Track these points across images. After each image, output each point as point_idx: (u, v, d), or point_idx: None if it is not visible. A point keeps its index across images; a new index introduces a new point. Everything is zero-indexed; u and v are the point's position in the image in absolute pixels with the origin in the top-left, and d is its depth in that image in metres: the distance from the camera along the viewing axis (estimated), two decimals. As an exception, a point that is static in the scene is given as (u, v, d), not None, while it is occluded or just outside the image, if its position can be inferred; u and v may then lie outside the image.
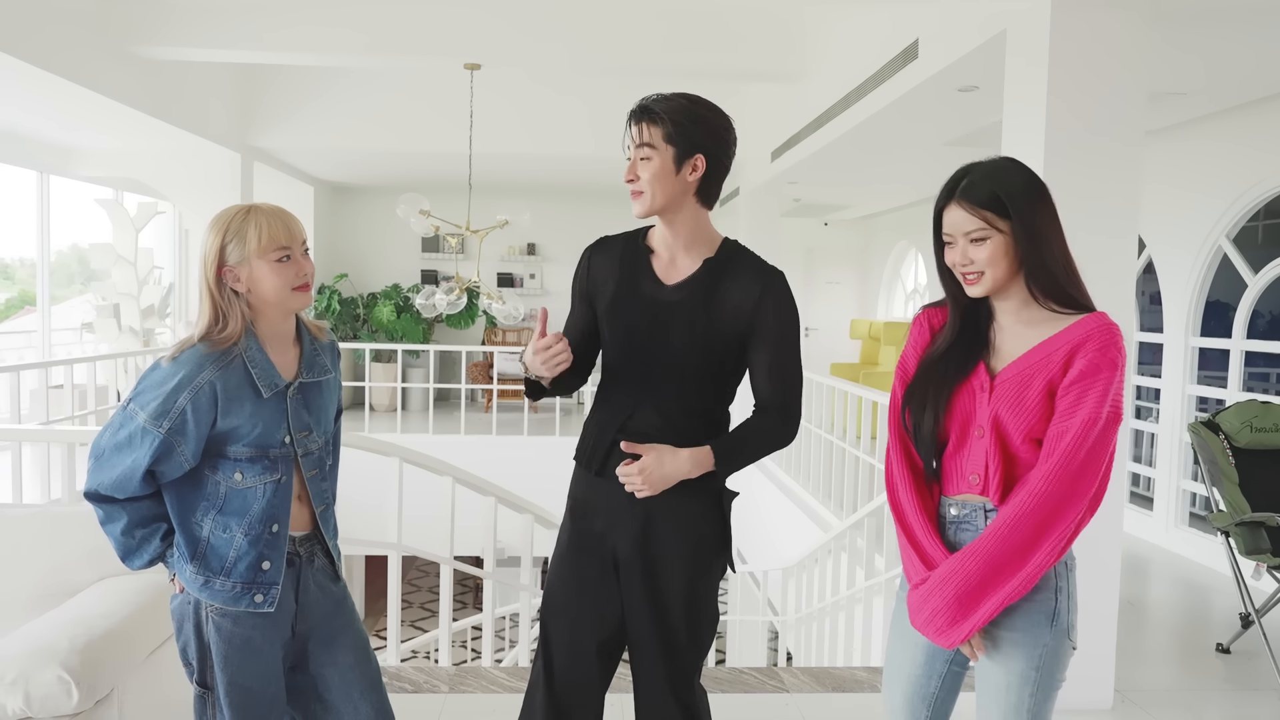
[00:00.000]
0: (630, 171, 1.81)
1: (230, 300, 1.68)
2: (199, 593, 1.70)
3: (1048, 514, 1.50)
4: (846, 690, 3.27)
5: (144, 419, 1.63)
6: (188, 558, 1.71)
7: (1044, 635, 1.57)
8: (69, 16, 5.10)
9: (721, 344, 1.82)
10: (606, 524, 1.87)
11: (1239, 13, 3.54)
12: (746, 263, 1.87)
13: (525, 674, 3.29)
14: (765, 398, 1.85)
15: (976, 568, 1.53)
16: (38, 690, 1.93)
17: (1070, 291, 1.57)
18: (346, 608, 1.89)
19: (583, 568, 1.89)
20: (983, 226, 1.56)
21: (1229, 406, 4.07)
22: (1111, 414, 1.52)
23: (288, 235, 1.69)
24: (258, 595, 1.71)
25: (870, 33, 4.95)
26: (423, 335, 10.34)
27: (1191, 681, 3.60)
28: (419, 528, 4.07)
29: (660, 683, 1.86)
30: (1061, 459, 1.50)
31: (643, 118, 1.80)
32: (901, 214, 10.74)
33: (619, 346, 1.87)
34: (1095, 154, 3.06)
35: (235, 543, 1.70)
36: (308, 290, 1.74)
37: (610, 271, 1.89)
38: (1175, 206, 5.62)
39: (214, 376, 1.65)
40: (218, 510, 1.70)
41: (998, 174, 1.58)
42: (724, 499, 1.88)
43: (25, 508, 2.67)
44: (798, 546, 5.87)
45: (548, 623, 1.93)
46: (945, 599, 1.56)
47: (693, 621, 1.86)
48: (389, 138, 7.94)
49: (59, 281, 9.58)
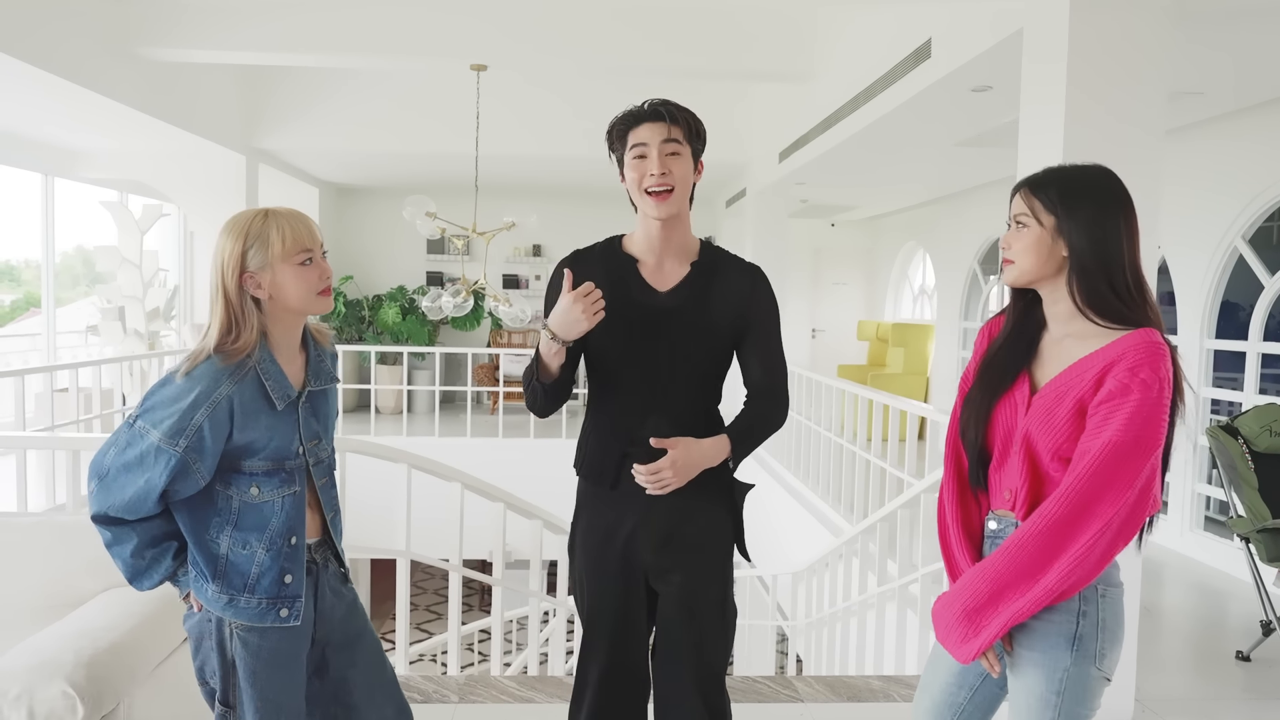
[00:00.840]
0: (661, 164, 1.79)
1: (247, 308, 1.63)
2: (223, 611, 1.66)
3: (1058, 534, 1.45)
4: (861, 700, 3.23)
5: (158, 437, 1.57)
6: (208, 577, 1.66)
7: (1063, 659, 1.52)
8: (74, 19, 5.07)
9: (721, 342, 1.89)
10: (629, 536, 1.88)
11: (1257, 12, 3.48)
12: (730, 262, 1.94)
13: (536, 683, 3.25)
14: (760, 385, 1.92)
15: (985, 584, 1.51)
16: (42, 706, 1.89)
17: (1118, 306, 1.51)
18: (359, 610, 1.88)
19: (612, 588, 1.91)
20: (1026, 213, 1.56)
21: (1248, 410, 4.02)
22: (1143, 439, 1.42)
23: (310, 237, 1.66)
24: (283, 610, 1.68)
25: (881, 33, 4.90)
26: (428, 337, 10.31)
27: (1212, 690, 3.55)
28: (426, 531, 4.03)
29: (689, 684, 1.88)
30: (1076, 481, 1.45)
31: (663, 116, 1.81)
32: (910, 215, 10.68)
33: (618, 357, 1.87)
34: (1115, 155, 2.97)
35: (257, 558, 1.66)
36: (330, 294, 1.70)
37: (598, 284, 1.82)
38: (1190, 207, 5.57)
39: (231, 391, 1.60)
40: (233, 526, 1.66)
41: (1074, 173, 1.57)
42: (736, 492, 1.94)
43: (30, 516, 2.64)
44: (807, 551, 5.82)
45: (594, 646, 1.94)
46: (955, 613, 1.54)
47: (723, 621, 1.90)
48: (395, 139, 7.91)
49: (64, 284, 9.56)
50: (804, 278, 11.91)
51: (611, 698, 1.94)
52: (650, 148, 1.80)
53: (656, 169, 1.79)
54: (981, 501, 1.66)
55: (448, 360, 10.75)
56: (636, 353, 1.85)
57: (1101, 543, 1.45)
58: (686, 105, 1.89)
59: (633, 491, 1.85)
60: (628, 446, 1.85)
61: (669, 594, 1.88)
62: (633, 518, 1.87)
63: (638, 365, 1.85)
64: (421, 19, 5.56)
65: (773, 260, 8.39)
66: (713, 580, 1.89)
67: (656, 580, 1.89)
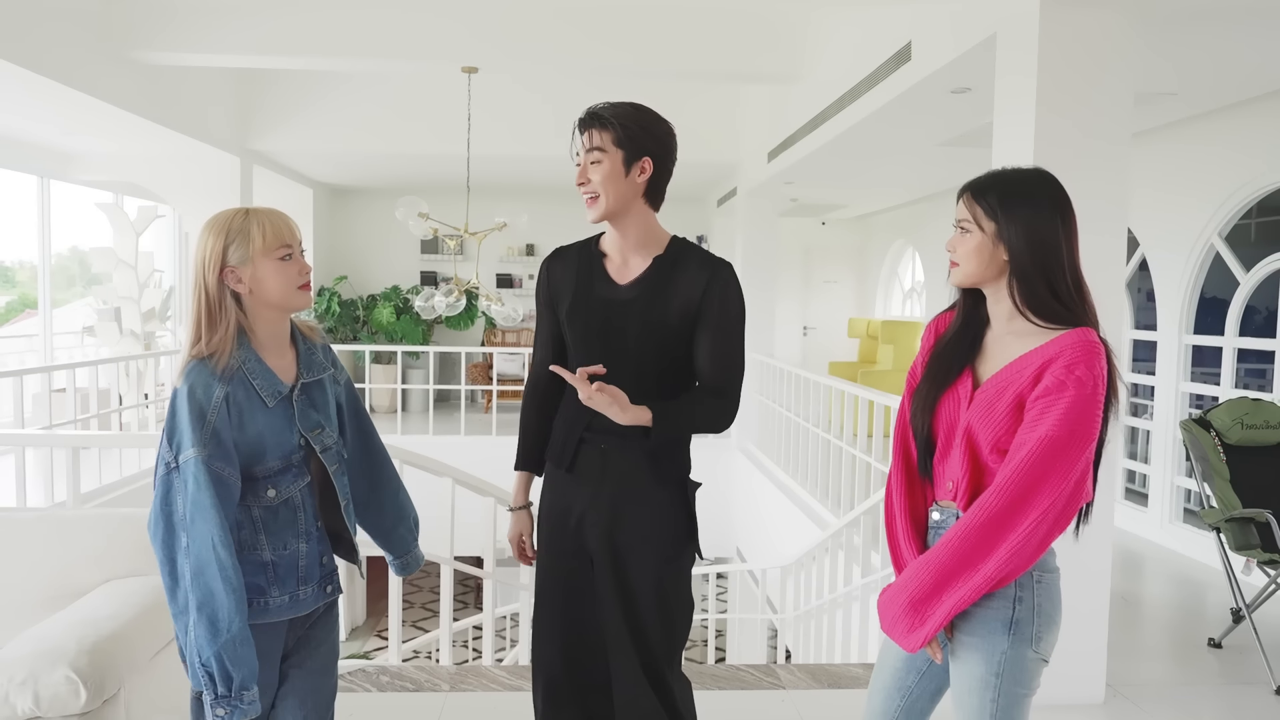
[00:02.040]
0: (581, 175, 1.91)
1: (226, 305, 1.66)
2: (284, 614, 1.74)
3: (997, 525, 1.51)
4: (842, 686, 3.32)
5: (191, 453, 1.58)
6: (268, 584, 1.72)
7: (1001, 643, 1.58)
8: (67, 22, 5.14)
9: (673, 335, 1.90)
10: (578, 518, 1.96)
11: (1227, 14, 3.57)
12: (694, 256, 1.95)
13: (526, 673, 3.33)
14: (706, 379, 1.92)
15: (929, 575, 1.57)
16: (46, 690, 1.97)
17: (1056, 307, 1.57)
18: (335, 613, 1.92)
19: (562, 565, 1.99)
20: (968, 219, 1.62)
21: (1220, 404, 4.12)
22: (1077, 433, 1.48)
23: (290, 233, 1.70)
24: (329, 587, 1.82)
25: (865, 35, 4.99)
26: (422, 337, 10.38)
27: (1184, 676, 3.65)
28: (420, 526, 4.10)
29: (635, 674, 1.90)
30: (1013, 473, 1.50)
31: (592, 124, 1.90)
32: (899, 213, 10.78)
33: (579, 347, 1.97)
34: (1083, 154, 3.10)
35: (301, 550, 1.75)
36: (309, 289, 1.75)
37: (568, 278, 2.00)
38: (1168, 205, 5.66)
39: (225, 391, 1.63)
40: (265, 533, 1.71)
41: (1013, 179, 1.61)
42: (688, 488, 1.98)
43: (32, 511, 2.70)
44: (796, 544, 5.91)
45: (538, 624, 2.01)
46: (901, 605, 1.60)
47: (663, 610, 1.92)
48: (387, 140, 7.98)
49: (60, 285, 9.61)
50: (795, 276, 12.00)
51: (567, 676, 1.99)
52: (580, 155, 1.92)
53: (577, 177, 1.92)
54: (927, 493, 1.73)
55: (442, 359, 10.82)
56: (594, 343, 1.93)
57: (1039, 531, 1.51)
58: (669, 104, 1.95)
59: (587, 475, 1.94)
60: (584, 431, 1.93)
61: (609, 578, 1.91)
62: (584, 501, 1.94)
63: (595, 355, 1.90)
64: (413, 22, 5.64)
65: (763, 259, 8.49)
66: (652, 570, 1.91)
67: (599, 564, 1.93)
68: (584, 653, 1.98)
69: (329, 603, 1.84)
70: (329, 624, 1.88)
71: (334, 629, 1.90)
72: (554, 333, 2.05)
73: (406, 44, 5.68)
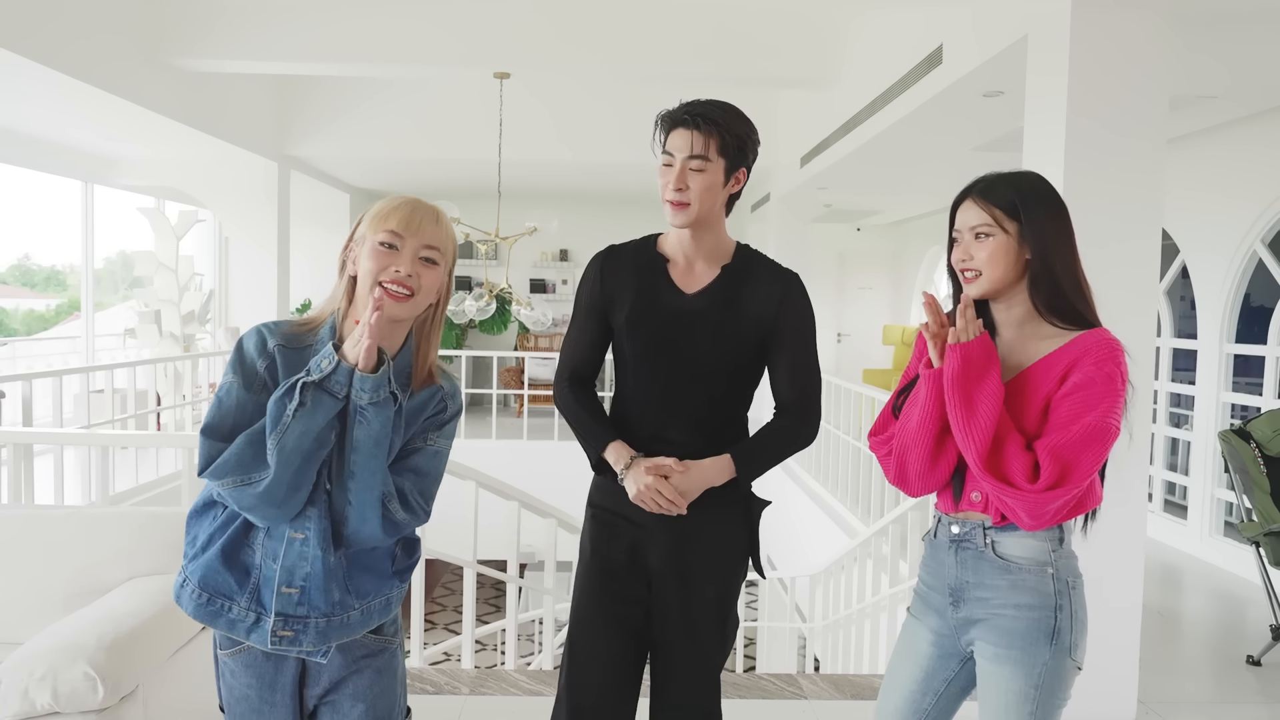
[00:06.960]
0: (680, 180, 1.75)
1: (338, 286, 1.51)
2: None
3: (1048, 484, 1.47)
4: (864, 698, 3.27)
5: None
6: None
7: (1043, 653, 1.55)
8: (111, 31, 5.25)
9: (745, 348, 1.82)
10: (636, 535, 1.84)
11: (1269, 15, 3.49)
12: (764, 267, 1.87)
13: (546, 678, 3.33)
14: (786, 399, 1.85)
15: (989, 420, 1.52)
16: (65, 686, 1.99)
17: (1077, 307, 1.55)
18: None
19: (612, 579, 1.87)
20: (989, 223, 1.57)
21: (1261, 414, 4.01)
22: (1112, 427, 1.48)
23: (405, 224, 1.46)
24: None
25: (896, 39, 4.94)
26: (455, 341, 10.45)
27: (1220, 694, 3.55)
28: (445, 530, 4.10)
29: (685, 687, 1.86)
30: (1061, 443, 1.47)
31: (698, 126, 1.75)
32: (934, 219, 10.66)
33: (642, 357, 1.84)
34: (1117, 158, 3.04)
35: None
36: (396, 298, 1.44)
37: (626, 282, 1.85)
38: (1209, 211, 5.53)
39: (279, 342, 1.47)
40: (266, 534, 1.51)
41: (1017, 179, 1.59)
42: (753, 507, 1.88)
43: (64, 509, 2.74)
44: (826, 553, 5.85)
45: (576, 637, 1.90)
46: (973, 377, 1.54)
47: (721, 626, 1.87)
48: (421, 145, 8.05)
49: (105, 289, 9.82)
50: (829, 282, 11.92)
51: (599, 703, 1.88)
52: (676, 159, 1.76)
53: (674, 183, 1.76)
54: (942, 499, 1.67)
55: (475, 363, 10.88)
56: (659, 353, 1.81)
57: (1064, 509, 1.51)
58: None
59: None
60: (650, 445, 1.81)
61: (674, 599, 1.83)
62: (645, 517, 1.82)
63: (660, 365, 1.81)
64: (447, 29, 5.69)
65: (797, 264, 8.33)
66: (717, 589, 1.85)
67: (661, 583, 1.84)
68: (621, 681, 1.88)
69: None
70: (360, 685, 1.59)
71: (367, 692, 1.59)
72: (598, 338, 1.90)
73: (441, 50, 5.74)
